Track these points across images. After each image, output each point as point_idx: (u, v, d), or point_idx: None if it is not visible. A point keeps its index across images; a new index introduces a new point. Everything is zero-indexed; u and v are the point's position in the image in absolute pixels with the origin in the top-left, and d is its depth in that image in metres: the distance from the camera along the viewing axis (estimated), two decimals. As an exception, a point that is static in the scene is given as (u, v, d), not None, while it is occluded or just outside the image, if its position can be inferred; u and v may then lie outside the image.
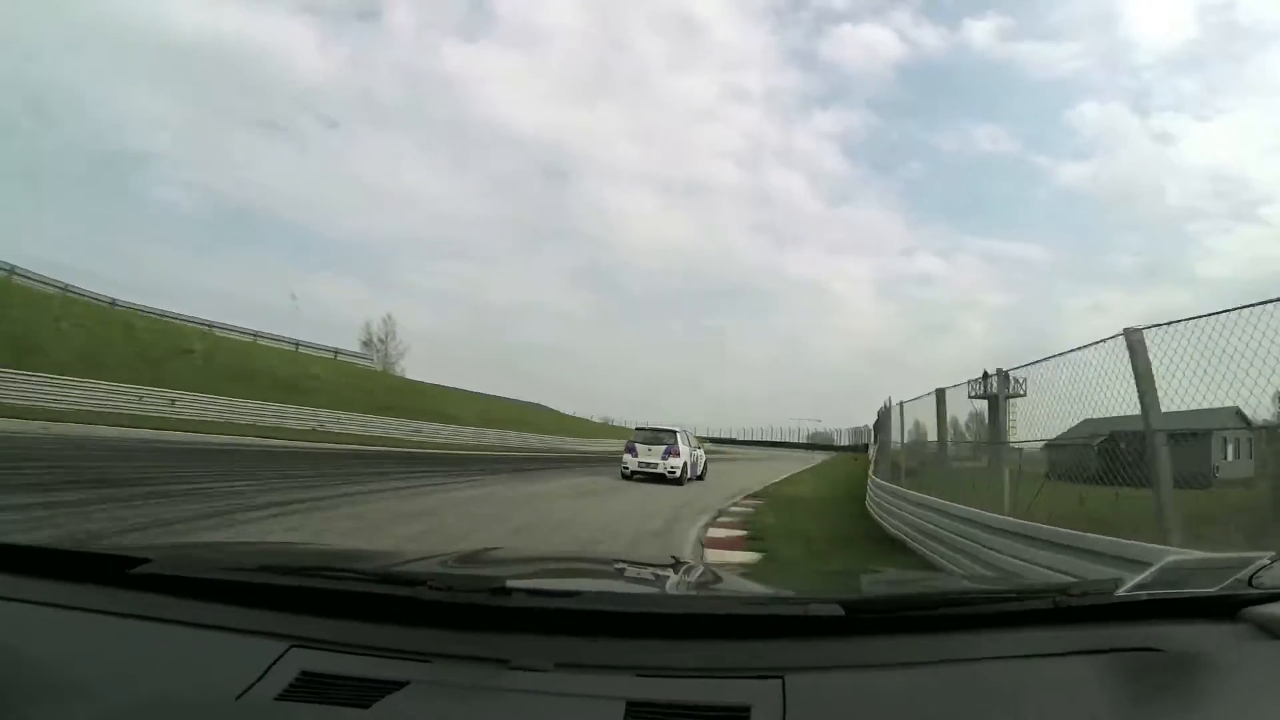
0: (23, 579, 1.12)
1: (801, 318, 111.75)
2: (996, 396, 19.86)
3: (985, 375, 22.31)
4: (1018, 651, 0.91)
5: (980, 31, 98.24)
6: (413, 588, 1.02)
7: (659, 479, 16.41)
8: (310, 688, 0.84)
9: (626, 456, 17.15)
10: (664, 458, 16.71)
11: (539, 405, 53.28)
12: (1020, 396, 17.78)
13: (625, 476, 16.68)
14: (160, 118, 71.48)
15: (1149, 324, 4.47)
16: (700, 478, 18.39)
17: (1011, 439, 15.25)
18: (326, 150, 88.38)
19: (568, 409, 55.97)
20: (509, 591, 0.98)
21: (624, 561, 1.87)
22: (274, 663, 0.88)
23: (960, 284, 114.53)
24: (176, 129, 72.23)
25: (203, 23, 76.79)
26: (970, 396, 19.80)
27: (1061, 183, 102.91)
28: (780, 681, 0.82)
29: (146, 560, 1.12)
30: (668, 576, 1.70)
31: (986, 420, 18.69)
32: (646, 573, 1.73)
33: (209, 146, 78.16)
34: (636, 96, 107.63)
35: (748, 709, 0.79)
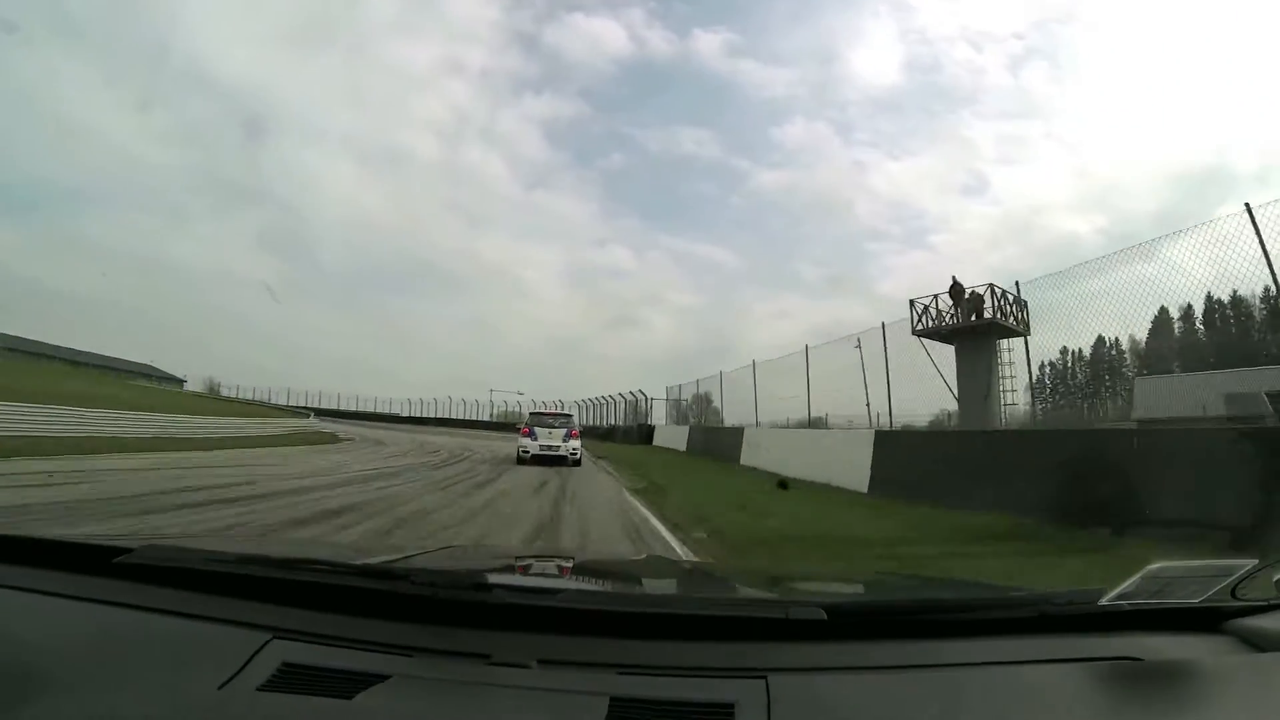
0: (7, 566, 1.12)
1: (492, 300, 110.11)
2: (974, 331, 13.66)
3: (957, 287, 14.30)
4: (1000, 658, 0.92)
5: (707, 43, 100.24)
6: (394, 582, 1.03)
7: (559, 461, 15.71)
8: (292, 679, 0.84)
9: (525, 440, 16.07)
10: (565, 440, 16.05)
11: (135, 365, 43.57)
12: (1018, 335, 12.45)
13: (523, 460, 15.62)
14: None
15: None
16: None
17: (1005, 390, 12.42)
18: None
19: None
20: (490, 588, 1.00)
21: (607, 560, 1.89)
22: (255, 653, 0.89)
23: (650, 280, 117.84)
24: None
25: None
26: (918, 334, 13.96)
27: (759, 193, 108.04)
28: (764, 681, 0.82)
29: (129, 550, 1.12)
30: (650, 576, 1.70)
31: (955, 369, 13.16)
32: (629, 572, 1.73)
33: None
34: (353, 53, 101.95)
35: (732, 706, 0.79)
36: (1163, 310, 8.93)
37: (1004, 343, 13.13)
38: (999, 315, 13.77)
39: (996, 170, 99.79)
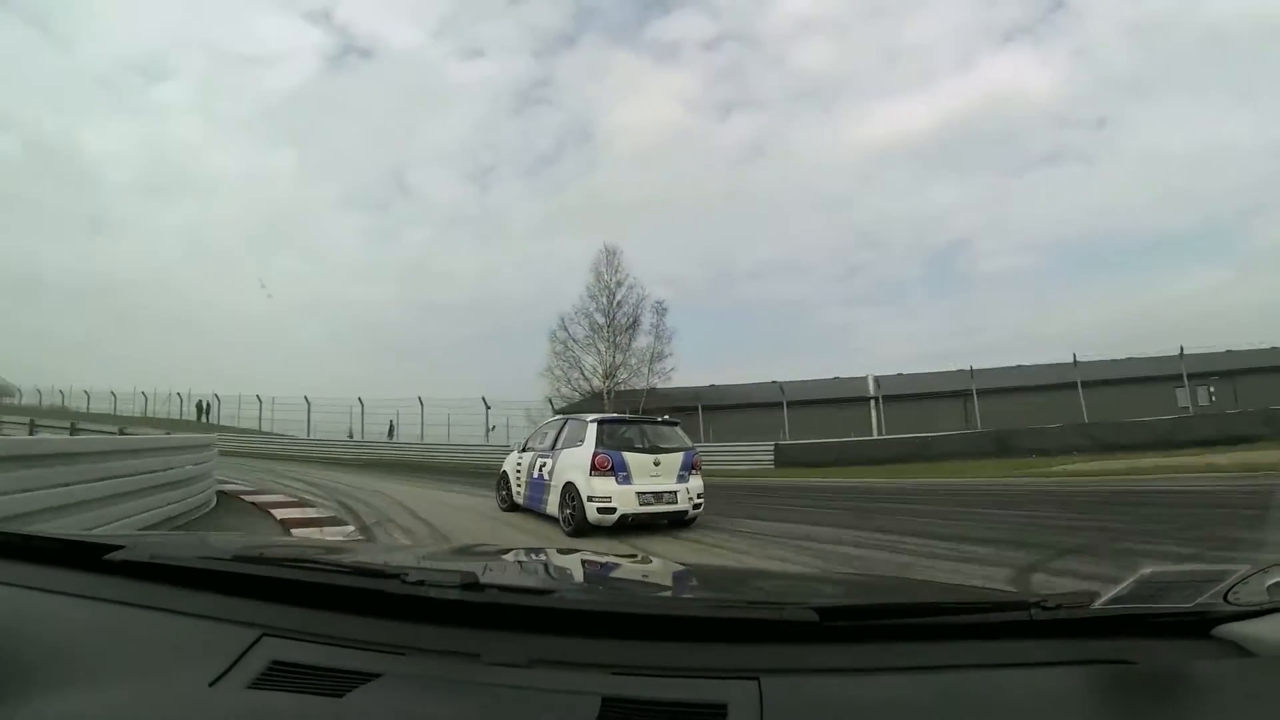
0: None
1: None
2: None
3: None
4: (991, 661, 0.91)
5: None
6: (386, 580, 1.02)
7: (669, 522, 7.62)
8: (282, 677, 0.85)
9: (599, 484, 7.32)
10: (683, 479, 7.77)
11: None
12: None
13: (591, 527, 7.29)
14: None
15: None
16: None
17: None
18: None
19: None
20: (482, 587, 0.99)
21: (600, 559, 1.85)
22: (246, 651, 0.89)
23: None
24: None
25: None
26: None
27: None
28: (756, 683, 0.82)
29: (121, 547, 1.13)
30: (643, 575, 1.68)
31: None
32: (622, 571, 1.72)
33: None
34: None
35: (724, 707, 0.79)
36: None
37: None
38: None
39: None
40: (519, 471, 9.19)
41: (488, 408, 23.22)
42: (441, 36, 69.02)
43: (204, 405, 30.20)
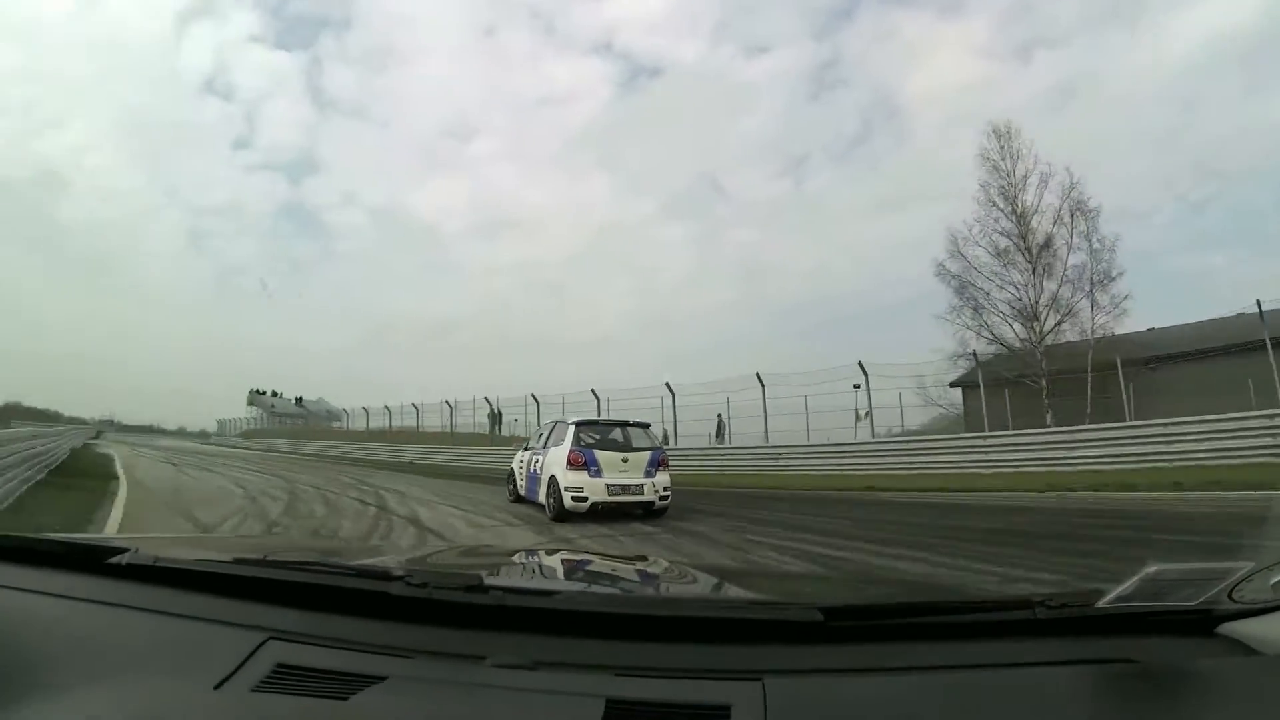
0: (2, 566, 1.14)
1: None
2: None
3: None
4: (996, 660, 0.91)
5: None
6: (390, 583, 1.02)
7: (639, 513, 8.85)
8: (288, 679, 0.85)
9: (572, 475, 8.52)
10: (649, 474, 8.80)
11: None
12: None
13: (569, 512, 8.46)
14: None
15: None
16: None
17: None
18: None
19: None
20: (486, 589, 0.99)
21: (603, 560, 1.86)
22: (251, 654, 0.89)
23: None
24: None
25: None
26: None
27: None
28: (760, 684, 0.82)
29: (125, 550, 1.13)
30: (646, 576, 1.68)
31: None
32: (625, 572, 1.72)
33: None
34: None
35: (728, 709, 0.79)
36: None
37: None
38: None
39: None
40: (521, 467, 10.42)
41: (865, 375, 16.25)
42: (721, 41, 70.33)
43: (495, 414, 28.71)
